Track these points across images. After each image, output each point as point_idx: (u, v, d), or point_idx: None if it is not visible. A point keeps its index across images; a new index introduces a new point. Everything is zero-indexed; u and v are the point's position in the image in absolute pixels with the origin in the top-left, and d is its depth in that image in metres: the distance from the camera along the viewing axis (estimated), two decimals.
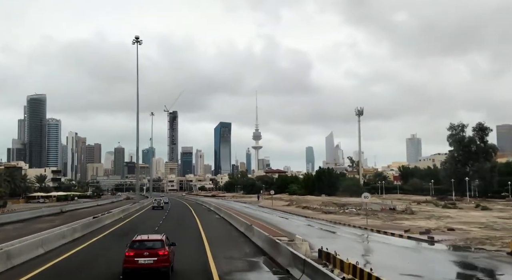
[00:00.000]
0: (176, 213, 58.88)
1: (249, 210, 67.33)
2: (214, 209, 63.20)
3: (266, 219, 46.76)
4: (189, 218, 47.49)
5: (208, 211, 63.48)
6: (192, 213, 57.33)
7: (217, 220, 45.95)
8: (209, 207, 72.58)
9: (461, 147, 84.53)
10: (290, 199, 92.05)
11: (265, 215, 55.61)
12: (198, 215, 52.98)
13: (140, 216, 53.59)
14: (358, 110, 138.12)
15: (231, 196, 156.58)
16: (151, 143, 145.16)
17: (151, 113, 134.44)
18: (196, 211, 61.34)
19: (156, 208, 66.54)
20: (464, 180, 77.95)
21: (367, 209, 54.05)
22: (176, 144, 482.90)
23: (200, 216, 51.32)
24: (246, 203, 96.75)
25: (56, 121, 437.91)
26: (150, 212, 62.22)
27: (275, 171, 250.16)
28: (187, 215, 54.23)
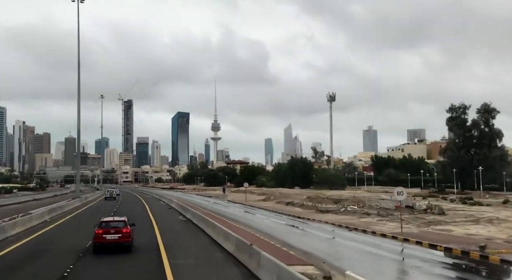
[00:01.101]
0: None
1: (220, 207, 54.07)
2: (176, 207, 49.68)
3: (252, 223, 33.77)
4: (143, 221, 33.71)
5: (168, 210, 49.79)
6: (147, 213, 43.40)
7: (183, 226, 32.42)
8: (169, 203, 58.80)
9: (463, 132, 73.40)
10: (263, 192, 79.35)
11: (247, 215, 42.58)
12: (155, 217, 39.15)
13: (70, 222, 37.23)
14: (330, 95, 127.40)
15: (191, 188, 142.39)
16: (101, 133, 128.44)
17: (101, 96, 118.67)
18: (152, 210, 47.46)
19: (109, 199, 72.04)
20: (466, 170, 67.75)
21: (376, 206, 42.07)
22: (131, 134, 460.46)
23: (159, 218, 37.59)
24: (211, 197, 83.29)
25: (1, 109, 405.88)
26: (87, 214, 47.89)
27: (236, 162, 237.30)
28: (140, 214, 40.28)
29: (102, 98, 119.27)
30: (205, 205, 55.48)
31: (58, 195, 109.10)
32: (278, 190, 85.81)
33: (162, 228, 29.05)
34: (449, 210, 38.09)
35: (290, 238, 25.62)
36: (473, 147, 73.83)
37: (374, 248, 23.17)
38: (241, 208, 53.03)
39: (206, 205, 55.74)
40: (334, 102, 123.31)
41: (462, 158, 71.62)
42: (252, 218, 38.75)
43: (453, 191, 66.34)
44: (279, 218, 38.63)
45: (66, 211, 45.58)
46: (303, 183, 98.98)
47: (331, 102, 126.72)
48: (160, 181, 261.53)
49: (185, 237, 25.45)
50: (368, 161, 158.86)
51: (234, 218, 37.09)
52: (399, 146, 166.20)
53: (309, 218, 37.17)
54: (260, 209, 48.93)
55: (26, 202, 69.73)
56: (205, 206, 53.98)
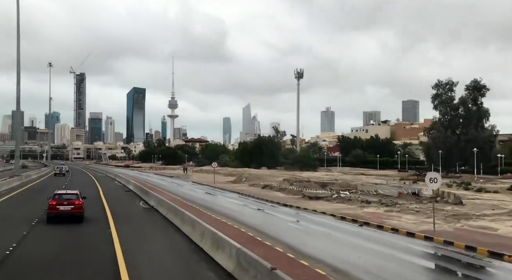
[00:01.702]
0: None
1: (186, 190, 46.60)
2: (135, 189, 41.97)
3: (237, 215, 26.67)
4: (95, 211, 25.88)
5: (126, 193, 42.00)
6: (101, 199, 35.40)
7: (147, 218, 24.89)
8: (126, 184, 50.78)
9: (449, 111, 67.84)
10: (230, 173, 72.34)
11: (223, 202, 35.48)
12: (110, 204, 31.38)
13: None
14: (297, 72, 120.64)
15: (148, 167, 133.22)
16: (50, 104, 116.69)
17: (48, 64, 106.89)
18: (106, 194, 39.44)
19: (58, 175, 72.10)
20: (453, 152, 62.95)
21: (372, 193, 36.08)
22: (83, 109, 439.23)
23: (115, 206, 29.89)
24: (172, 177, 75.31)
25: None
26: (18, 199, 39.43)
27: (196, 140, 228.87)
28: (90, 201, 32.40)
29: (50, 66, 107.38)
30: (168, 187, 47.93)
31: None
32: (245, 170, 79.11)
33: (119, 221, 21.60)
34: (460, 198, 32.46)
35: (298, 241, 18.79)
36: (459, 126, 68.48)
37: (428, 259, 16.76)
38: (211, 191, 45.83)
39: (170, 187, 48.20)
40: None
41: (448, 139, 66.16)
42: (233, 207, 31.62)
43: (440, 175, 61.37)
44: (264, 207, 31.81)
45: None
46: (270, 163, 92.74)
47: (299, 79, 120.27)
48: (114, 159, 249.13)
49: (153, 239, 18.15)
50: (332, 141, 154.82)
51: (209, 207, 29.96)
52: (363, 127, 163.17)
53: (299, 207, 30.59)
54: (235, 193, 41.93)
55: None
56: (168, 188, 46.42)
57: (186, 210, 21.52)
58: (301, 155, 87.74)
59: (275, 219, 26.01)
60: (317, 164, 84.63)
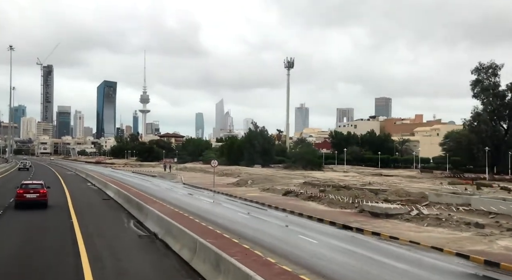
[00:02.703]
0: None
1: (185, 197, 34.67)
2: (117, 197, 30.12)
3: (302, 254, 15.38)
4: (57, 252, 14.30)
5: (105, 205, 29.81)
6: (71, 220, 23.12)
7: (161, 266, 13.39)
8: (102, 188, 38.54)
9: (494, 99, 55.32)
10: (224, 172, 60.79)
11: (256, 224, 24.18)
12: (86, 231, 19.32)
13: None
14: (288, 61, 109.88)
15: (122, 163, 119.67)
16: (11, 97, 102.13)
17: (9, 47, 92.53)
18: (77, 206, 26.96)
19: (22, 169, 73.22)
20: (501, 149, 52.32)
21: (473, 209, 25.60)
22: (51, 102, 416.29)
23: (93, 230, 18.13)
24: (155, 177, 63.07)
25: None
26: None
27: (171, 136, 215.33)
28: (54, 222, 20.54)
29: (11, 50, 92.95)
30: (160, 193, 36.21)
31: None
32: (239, 168, 67.82)
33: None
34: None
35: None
36: (506, 118, 57.00)
37: None
38: (219, 199, 34.29)
39: (161, 193, 36.49)
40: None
41: (497, 133, 55.29)
42: (278, 234, 20.23)
43: (480, 176, 51.67)
44: (326, 231, 20.64)
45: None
46: (263, 160, 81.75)
47: (289, 69, 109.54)
48: (83, 154, 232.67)
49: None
50: (319, 137, 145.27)
51: (247, 234, 18.65)
52: (350, 122, 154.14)
53: (376, 233, 19.51)
54: (253, 203, 30.53)
55: None
56: (160, 195, 34.69)
57: (231, 254, 10.32)
58: (305, 152, 76.19)
59: (378, 266, 14.68)
60: (322, 162, 73.94)
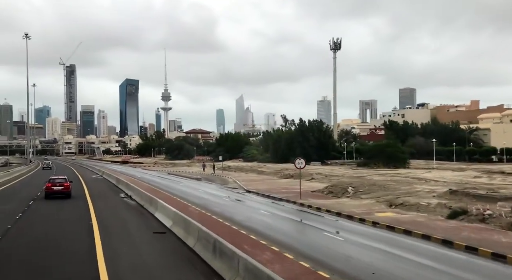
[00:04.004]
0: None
1: (283, 225, 20.86)
2: (185, 235, 15.88)
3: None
4: None
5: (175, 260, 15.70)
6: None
7: None
8: (145, 206, 24.83)
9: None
10: (282, 173, 47.16)
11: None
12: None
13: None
14: (334, 42, 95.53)
15: (152, 162, 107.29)
16: (27, 86, 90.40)
17: (24, 35, 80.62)
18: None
19: (46, 168, 78.05)
20: None
21: None
22: (74, 102, 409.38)
23: None
24: (200, 180, 49.46)
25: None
26: None
27: (197, 132, 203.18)
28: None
29: (27, 38, 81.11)
30: (240, 215, 22.46)
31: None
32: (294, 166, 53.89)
33: None
34: None
35: None
36: None
37: None
38: (373, 237, 20.69)
39: (242, 215, 22.78)
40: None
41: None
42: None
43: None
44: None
45: None
46: (319, 156, 68.16)
47: (335, 51, 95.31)
48: (108, 153, 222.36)
49: None
50: (363, 129, 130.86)
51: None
52: (397, 111, 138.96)
53: None
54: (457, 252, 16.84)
55: None
56: (253, 222, 20.84)
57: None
58: (385, 145, 61.00)
59: None
60: (407, 157, 59.41)
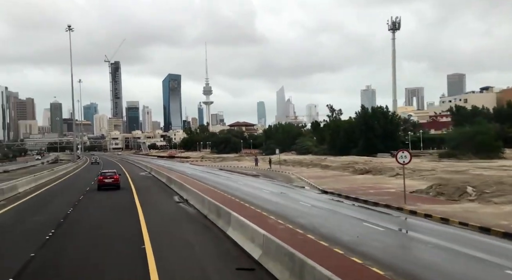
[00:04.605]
0: None
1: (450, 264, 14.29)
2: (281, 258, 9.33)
3: None
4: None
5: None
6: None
7: None
8: (210, 216, 18.66)
9: None
10: (351, 167, 40.40)
11: None
12: None
13: None
14: (392, 22, 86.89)
15: (198, 156, 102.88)
16: (71, 74, 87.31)
17: (67, 27, 77.39)
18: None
19: (94, 163, 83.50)
20: None
21: None
22: (120, 98, 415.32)
23: None
24: (258, 176, 43.41)
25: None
26: None
27: (242, 125, 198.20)
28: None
29: (70, 30, 77.97)
30: (348, 232, 16.08)
31: (11, 170, 70.12)
32: (366, 159, 47.00)
33: None
34: None
35: None
36: None
37: None
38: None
39: (351, 230, 16.45)
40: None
41: None
42: None
43: None
44: None
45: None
46: (385, 146, 60.75)
47: (394, 32, 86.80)
48: (154, 148, 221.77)
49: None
50: (421, 116, 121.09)
51: None
52: (458, 97, 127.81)
53: None
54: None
55: None
56: (377, 249, 14.56)
57: None
58: (475, 132, 51.70)
59: None
60: (501, 145, 50.96)
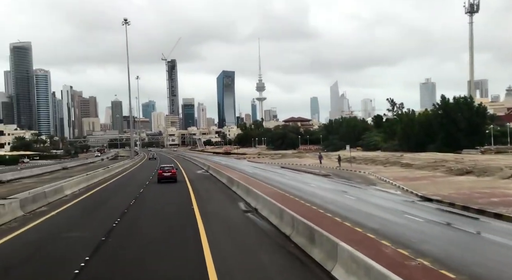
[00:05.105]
0: None
1: None
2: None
3: None
4: None
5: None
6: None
7: None
8: (306, 248, 13.33)
9: None
10: (439, 166, 33.56)
11: None
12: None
13: None
14: (470, 4, 77.41)
15: (254, 153, 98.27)
16: (128, 66, 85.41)
17: (124, 21, 75.09)
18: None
19: (152, 159, 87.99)
20: None
21: None
22: (176, 95, 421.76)
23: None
24: (328, 176, 37.33)
25: (45, 72, 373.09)
26: None
27: (297, 120, 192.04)
28: None
29: (126, 23, 75.62)
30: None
31: (67, 168, 68.70)
32: (451, 157, 39.70)
33: None
34: None
35: None
36: None
37: None
38: None
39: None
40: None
41: None
42: None
43: None
44: None
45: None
46: (469, 141, 52.79)
47: (472, 14, 77.36)
48: (209, 144, 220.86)
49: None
50: (497, 108, 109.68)
51: None
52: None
53: None
54: None
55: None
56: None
57: None
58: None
59: None
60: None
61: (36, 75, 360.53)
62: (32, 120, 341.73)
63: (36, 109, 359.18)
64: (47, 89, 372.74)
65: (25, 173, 52.89)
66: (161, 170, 33.98)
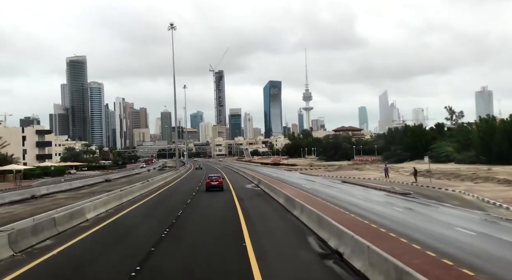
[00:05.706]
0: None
1: None
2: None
3: None
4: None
5: None
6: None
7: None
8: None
9: None
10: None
11: None
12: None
13: None
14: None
15: (304, 164, 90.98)
16: (173, 71, 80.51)
17: (170, 26, 71.05)
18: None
19: (198, 169, 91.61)
20: None
21: None
22: (223, 106, 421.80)
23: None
24: (422, 199, 29.23)
25: (99, 85, 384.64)
26: None
27: (347, 129, 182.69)
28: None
29: (172, 28, 71.60)
30: None
31: (110, 180, 64.70)
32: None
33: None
34: None
35: None
36: None
37: None
38: None
39: None
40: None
41: None
42: None
43: None
44: None
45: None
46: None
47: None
48: (256, 154, 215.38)
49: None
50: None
51: None
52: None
53: None
54: None
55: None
56: None
57: None
58: None
59: None
60: None
61: (91, 88, 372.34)
62: (86, 131, 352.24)
63: (90, 121, 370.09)
64: (100, 101, 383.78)
65: (63, 186, 48.77)
66: (209, 179, 36.99)
